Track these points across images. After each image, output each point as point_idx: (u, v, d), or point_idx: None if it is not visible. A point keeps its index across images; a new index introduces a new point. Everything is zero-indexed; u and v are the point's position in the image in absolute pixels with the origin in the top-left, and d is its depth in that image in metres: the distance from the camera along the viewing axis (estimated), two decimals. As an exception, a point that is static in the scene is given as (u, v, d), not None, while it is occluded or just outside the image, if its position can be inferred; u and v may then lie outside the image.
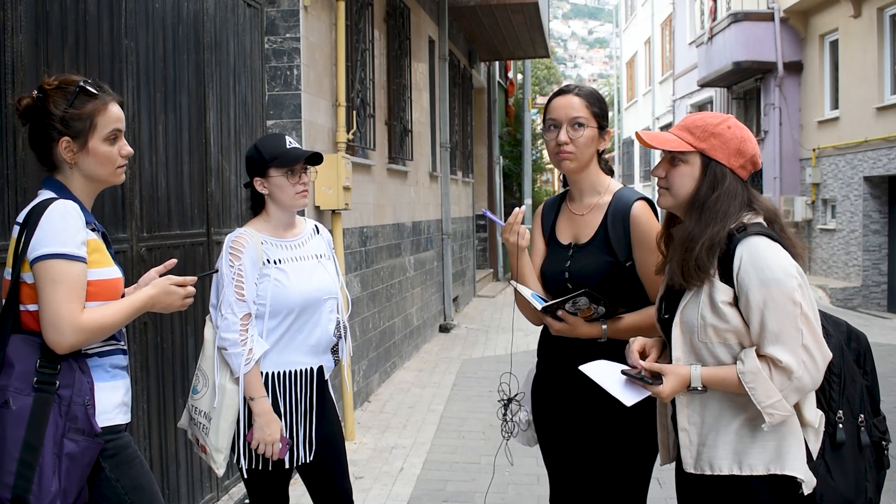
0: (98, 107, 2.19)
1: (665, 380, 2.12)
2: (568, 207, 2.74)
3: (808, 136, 15.33)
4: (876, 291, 13.27)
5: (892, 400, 6.82)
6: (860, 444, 2.15)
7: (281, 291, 2.80)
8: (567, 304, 2.45)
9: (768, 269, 2.02)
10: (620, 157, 32.96)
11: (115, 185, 2.32)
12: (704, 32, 17.69)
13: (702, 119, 2.20)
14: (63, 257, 2.08)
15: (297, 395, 2.86)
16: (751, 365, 2.02)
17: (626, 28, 33.30)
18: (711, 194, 2.12)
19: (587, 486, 2.67)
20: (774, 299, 2.00)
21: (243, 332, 2.74)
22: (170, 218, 3.87)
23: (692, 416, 2.15)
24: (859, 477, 2.13)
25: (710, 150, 2.14)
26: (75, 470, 2.05)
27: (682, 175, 2.17)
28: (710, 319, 2.08)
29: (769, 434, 2.07)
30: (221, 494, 4.37)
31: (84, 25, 3.18)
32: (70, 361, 2.11)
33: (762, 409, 2.01)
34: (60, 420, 2.04)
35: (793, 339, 2.00)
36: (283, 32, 5.23)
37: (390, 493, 4.71)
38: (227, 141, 4.53)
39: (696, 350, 2.12)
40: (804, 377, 2.00)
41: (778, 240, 2.09)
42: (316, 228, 3.05)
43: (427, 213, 9.79)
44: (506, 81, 18.80)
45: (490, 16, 11.58)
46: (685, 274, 2.11)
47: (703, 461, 2.13)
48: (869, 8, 13.13)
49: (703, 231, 2.10)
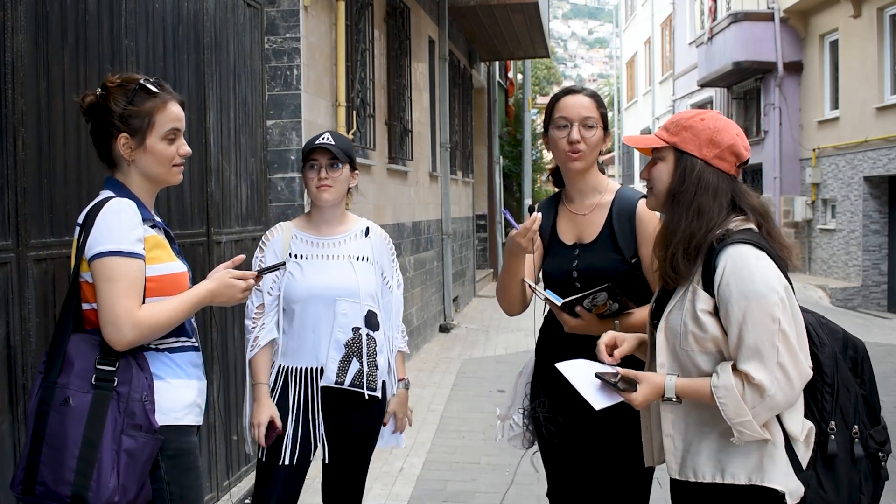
0: (157, 105, 2.22)
1: (639, 387, 2.08)
2: (567, 208, 2.74)
3: (808, 136, 15.33)
4: (876, 291, 13.27)
5: (892, 400, 6.82)
6: (853, 455, 2.07)
7: (291, 284, 2.87)
8: (586, 300, 2.45)
9: (750, 282, 1.96)
10: (620, 157, 32.96)
11: (172, 184, 2.35)
12: (704, 32, 17.69)
13: (678, 115, 2.19)
14: (119, 254, 2.09)
15: (298, 393, 2.86)
16: (724, 380, 1.98)
17: (626, 28, 33.30)
18: (681, 186, 2.09)
19: (587, 487, 2.66)
20: (753, 314, 1.95)
21: (255, 319, 2.87)
22: (170, 218, 3.87)
23: (676, 421, 2.12)
24: (853, 489, 2.06)
25: (682, 142, 2.11)
26: (134, 466, 2.04)
27: (659, 171, 2.15)
28: (691, 327, 2.04)
29: (751, 443, 2.01)
30: (222, 494, 4.37)
31: (84, 25, 3.18)
32: (128, 358, 2.11)
33: (732, 424, 1.97)
34: (119, 417, 2.05)
35: (769, 356, 1.94)
36: (283, 32, 5.23)
37: (390, 493, 4.71)
38: (227, 141, 4.53)
39: (679, 357, 2.09)
40: (777, 395, 1.94)
41: (766, 248, 2.02)
42: (367, 230, 3.01)
43: (427, 213, 9.79)
44: (506, 81, 18.80)
45: (490, 16, 11.58)
46: (663, 272, 2.11)
47: (686, 468, 2.09)
48: (869, 8, 13.13)
49: (677, 226, 2.08)
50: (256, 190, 4.96)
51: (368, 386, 2.87)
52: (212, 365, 4.28)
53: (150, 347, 2.18)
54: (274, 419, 2.81)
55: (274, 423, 2.81)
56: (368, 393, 2.87)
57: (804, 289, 13.72)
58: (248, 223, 4.79)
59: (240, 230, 4.65)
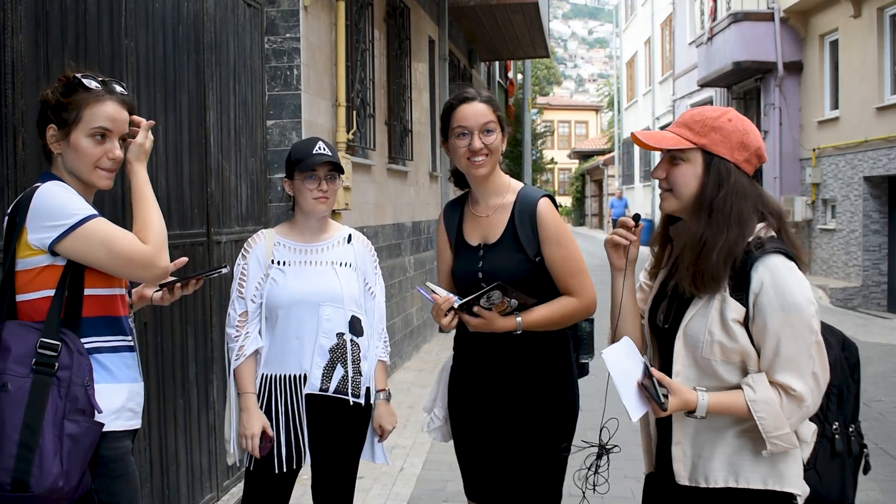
0: (88, 100, 2.15)
1: (671, 399, 1.99)
2: (471, 210, 2.78)
3: (808, 136, 15.33)
4: (876, 291, 13.26)
5: (892, 400, 6.83)
6: (850, 452, 2.16)
7: (273, 290, 2.82)
8: (482, 300, 2.50)
9: (790, 296, 1.94)
10: (620, 157, 32.94)
11: (100, 188, 2.24)
12: (704, 32, 17.68)
13: (700, 113, 2.09)
14: (84, 221, 2.08)
15: (283, 401, 2.82)
16: (763, 394, 1.95)
17: (626, 28, 33.28)
18: (718, 193, 2.00)
19: (501, 478, 2.69)
20: (794, 326, 1.93)
21: (239, 328, 2.82)
22: (170, 218, 3.87)
23: (687, 427, 2.07)
24: (846, 484, 2.15)
25: (712, 145, 2.02)
26: (77, 451, 2.01)
27: (684, 174, 2.05)
28: (719, 336, 1.99)
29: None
30: (222, 494, 4.37)
31: (84, 25, 3.18)
32: (69, 344, 2.07)
33: (767, 438, 1.95)
34: (60, 402, 2.01)
35: (805, 366, 1.94)
36: (283, 32, 5.23)
37: (390, 493, 4.71)
38: (227, 141, 4.53)
39: (699, 365, 2.04)
40: (812, 405, 1.96)
41: (794, 257, 2.00)
42: (349, 237, 2.99)
43: (427, 212, 9.79)
44: (506, 81, 18.80)
45: (490, 16, 11.58)
46: (697, 281, 2.00)
47: (698, 473, 2.05)
48: (869, 8, 13.12)
49: (716, 235, 1.99)
50: (256, 190, 4.96)
51: (353, 392, 2.84)
52: (212, 365, 4.28)
53: (81, 341, 2.12)
54: (266, 429, 2.78)
55: (266, 432, 2.78)
56: (353, 400, 2.85)
57: (804, 289, 13.70)
58: (248, 223, 4.79)
59: (240, 230, 4.65)
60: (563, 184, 52.72)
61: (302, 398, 2.82)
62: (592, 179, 41.43)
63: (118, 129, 2.20)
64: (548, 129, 36.41)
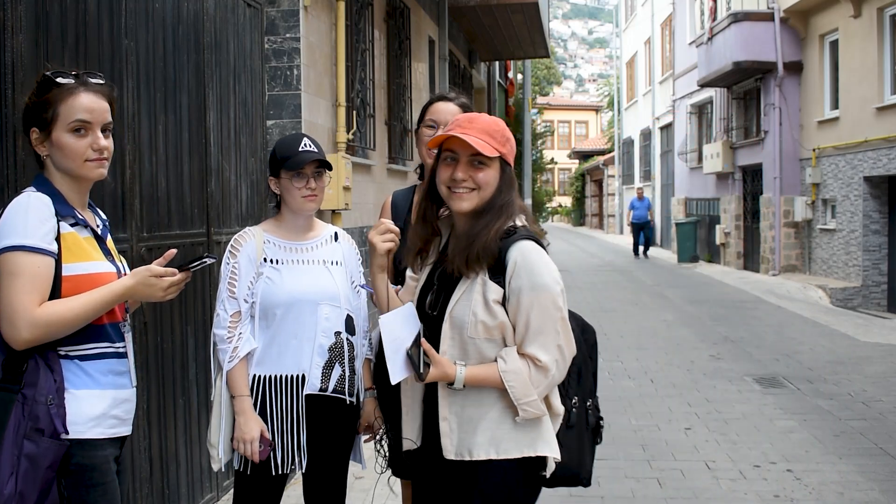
0: (61, 95, 2.10)
1: (431, 369, 2.20)
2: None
3: (808, 136, 15.33)
4: (876, 291, 13.26)
5: (892, 400, 6.82)
6: (587, 424, 2.43)
7: (270, 289, 2.77)
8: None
9: (539, 276, 2.20)
10: (620, 157, 32.96)
11: (94, 179, 2.19)
12: (704, 32, 17.69)
13: (494, 123, 2.32)
14: (23, 249, 1.99)
15: (280, 402, 2.77)
16: (513, 365, 2.20)
17: (626, 28, 33.30)
18: (509, 195, 2.30)
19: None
20: (541, 304, 2.19)
21: (231, 328, 2.74)
22: (170, 218, 3.87)
23: (453, 405, 2.27)
24: (583, 453, 2.40)
25: (507, 154, 2.31)
26: (35, 472, 1.94)
27: (488, 177, 2.28)
28: (482, 317, 2.22)
29: (525, 422, 2.24)
30: (222, 494, 4.37)
31: (84, 25, 3.18)
32: (37, 359, 2.01)
33: (518, 404, 2.20)
34: (23, 420, 1.95)
35: (551, 340, 2.21)
36: (283, 32, 5.23)
37: (390, 494, 4.71)
38: (227, 141, 4.53)
39: (465, 345, 2.25)
40: (557, 374, 2.23)
41: (540, 242, 2.27)
42: (335, 235, 2.96)
43: (427, 213, 9.78)
44: (506, 81, 18.81)
45: (490, 16, 11.59)
46: (471, 259, 2.22)
47: (463, 448, 2.25)
48: (869, 8, 13.13)
49: (490, 225, 2.25)
50: (256, 190, 4.96)
51: (349, 391, 2.83)
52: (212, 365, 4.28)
53: (60, 354, 2.06)
54: (264, 432, 2.72)
55: (264, 436, 2.72)
56: (350, 399, 2.83)
57: (804, 289, 13.71)
58: (248, 223, 4.79)
59: (240, 230, 4.64)
60: (563, 184, 52.76)
61: (302, 399, 2.77)
62: (592, 179, 41.46)
63: (98, 120, 2.14)
64: (548, 129, 36.40)
